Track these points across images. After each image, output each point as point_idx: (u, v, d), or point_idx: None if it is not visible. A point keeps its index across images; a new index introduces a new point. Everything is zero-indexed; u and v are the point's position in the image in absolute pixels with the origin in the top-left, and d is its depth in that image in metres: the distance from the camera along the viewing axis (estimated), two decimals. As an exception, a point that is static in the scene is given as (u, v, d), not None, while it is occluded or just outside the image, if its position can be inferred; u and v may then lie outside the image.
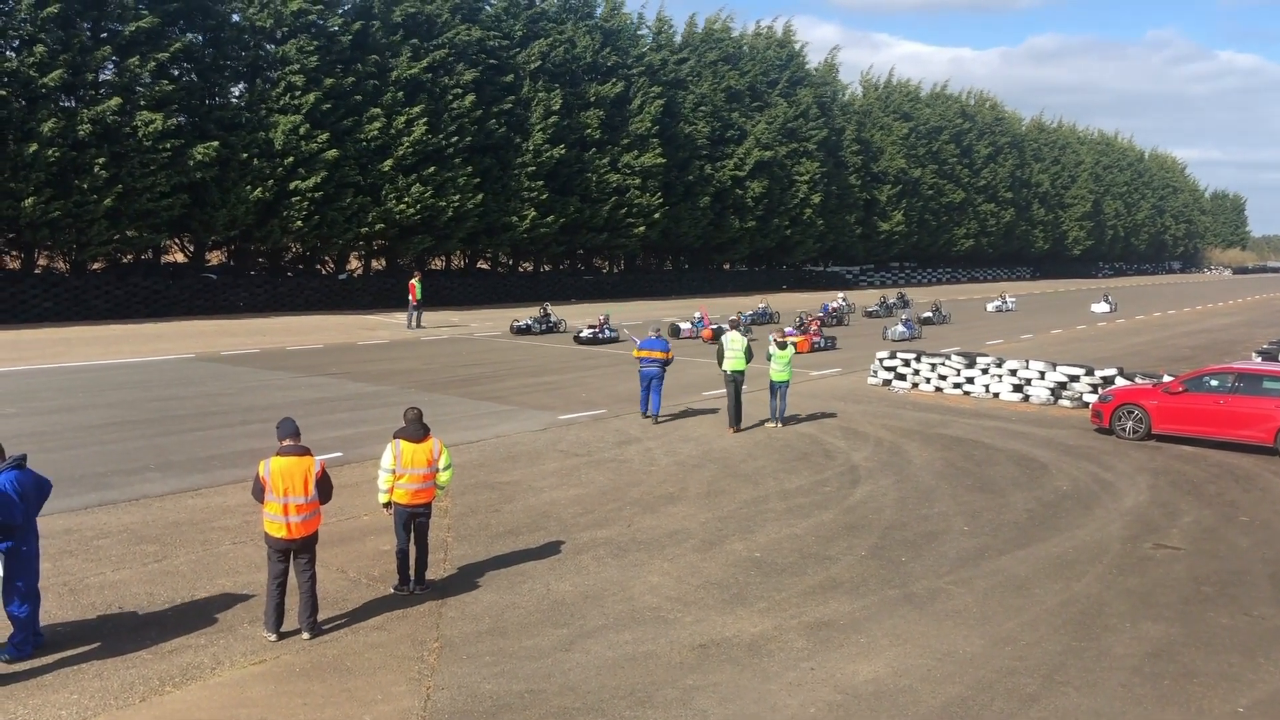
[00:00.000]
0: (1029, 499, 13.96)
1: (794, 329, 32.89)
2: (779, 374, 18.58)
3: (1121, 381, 20.76)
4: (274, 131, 38.08)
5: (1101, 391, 20.00)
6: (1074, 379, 21.96)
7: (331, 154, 39.22)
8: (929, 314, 42.78)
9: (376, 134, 41.10)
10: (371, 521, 11.86)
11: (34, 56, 32.16)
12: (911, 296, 51.73)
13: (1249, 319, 51.61)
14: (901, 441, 17.59)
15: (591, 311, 42.08)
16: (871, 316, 45.65)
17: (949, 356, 23.57)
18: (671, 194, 55.12)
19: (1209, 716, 7.76)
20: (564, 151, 48.52)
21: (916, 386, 23.57)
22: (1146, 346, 34.94)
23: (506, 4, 48.28)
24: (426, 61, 42.75)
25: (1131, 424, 18.26)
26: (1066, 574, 10.81)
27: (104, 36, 34.69)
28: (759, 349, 19.70)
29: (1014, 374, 22.57)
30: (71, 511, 11.97)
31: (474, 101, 44.27)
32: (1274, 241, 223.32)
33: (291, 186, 38.73)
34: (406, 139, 41.72)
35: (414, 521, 9.72)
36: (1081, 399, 21.49)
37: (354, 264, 48.69)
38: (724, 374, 18.40)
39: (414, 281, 36.30)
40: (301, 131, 38.48)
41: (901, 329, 35.74)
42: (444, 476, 9.83)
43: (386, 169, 41.60)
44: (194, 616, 9.06)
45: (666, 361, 18.49)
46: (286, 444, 8.74)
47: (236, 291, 40.41)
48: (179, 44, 36.23)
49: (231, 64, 39.30)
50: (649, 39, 56.93)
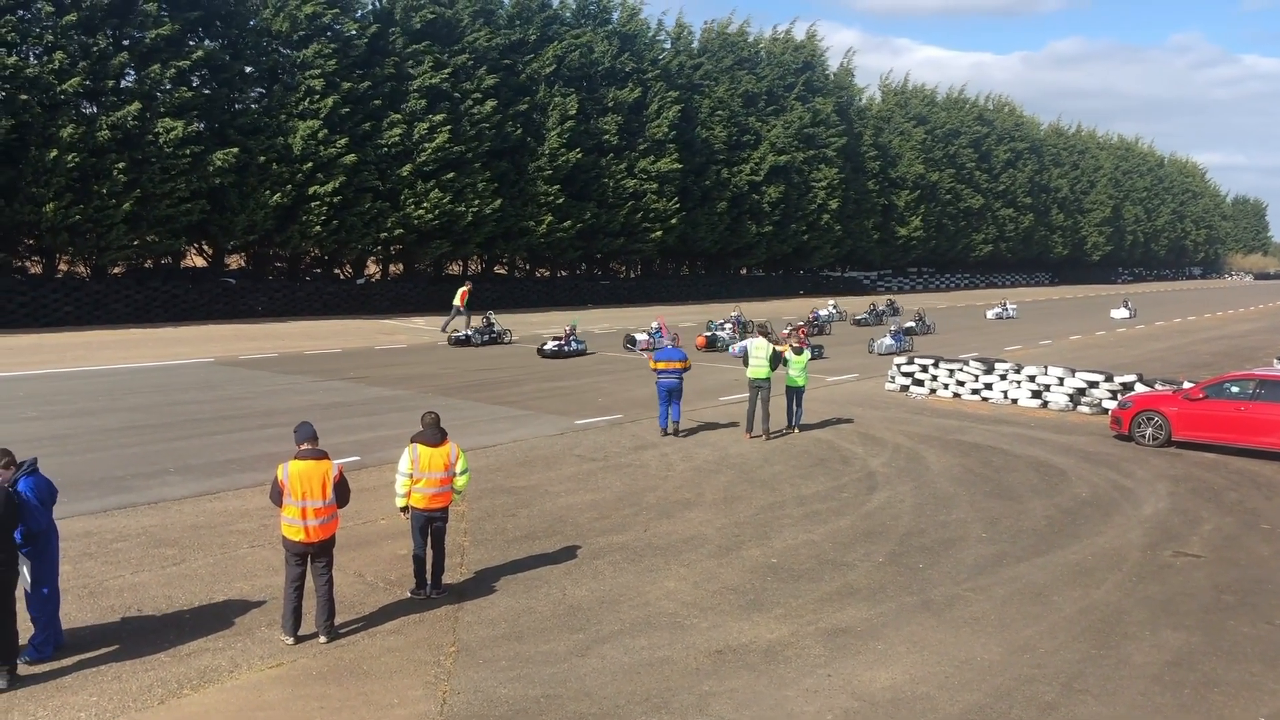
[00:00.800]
0: (1048, 506, 13.88)
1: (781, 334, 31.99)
2: (795, 379, 18.56)
3: (1141, 388, 20.64)
4: (293, 137, 38.26)
5: (1121, 398, 19.87)
6: (1093, 385, 21.84)
7: (350, 159, 39.40)
8: (911, 323, 39.70)
9: (397, 140, 41.27)
10: (388, 525, 11.89)
11: (54, 63, 32.44)
12: (901, 304, 50.53)
13: (1271, 325, 51.22)
14: (919, 447, 17.53)
15: (610, 317, 42.07)
16: (860, 325, 43.47)
17: (967, 362, 23.48)
18: (688, 199, 55.11)
19: (1230, 726, 7.70)
20: (581, 156, 48.58)
21: (934, 392, 23.49)
22: (1166, 352, 34.71)
23: (520, 8, 48.41)
24: (449, 70, 42.89)
25: (1151, 430, 18.15)
26: (1085, 581, 10.75)
27: (125, 44, 34.94)
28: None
29: (1032, 380, 22.47)
30: (91, 514, 12.05)
31: (493, 107, 44.40)
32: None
33: (310, 191, 38.91)
34: (429, 145, 41.87)
35: (431, 526, 9.74)
36: (1101, 405, 21.36)
37: (372, 269, 48.88)
38: (748, 380, 18.37)
39: (464, 289, 37.36)
40: (320, 136, 38.67)
41: (889, 341, 33.06)
42: (461, 481, 9.85)
43: (405, 174, 41.77)
44: (212, 619, 9.10)
45: (685, 371, 18.06)
46: (304, 448, 8.79)
47: (255, 296, 40.59)
48: (199, 52, 36.46)
49: (250, 70, 39.54)
50: (666, 44, 57.03)
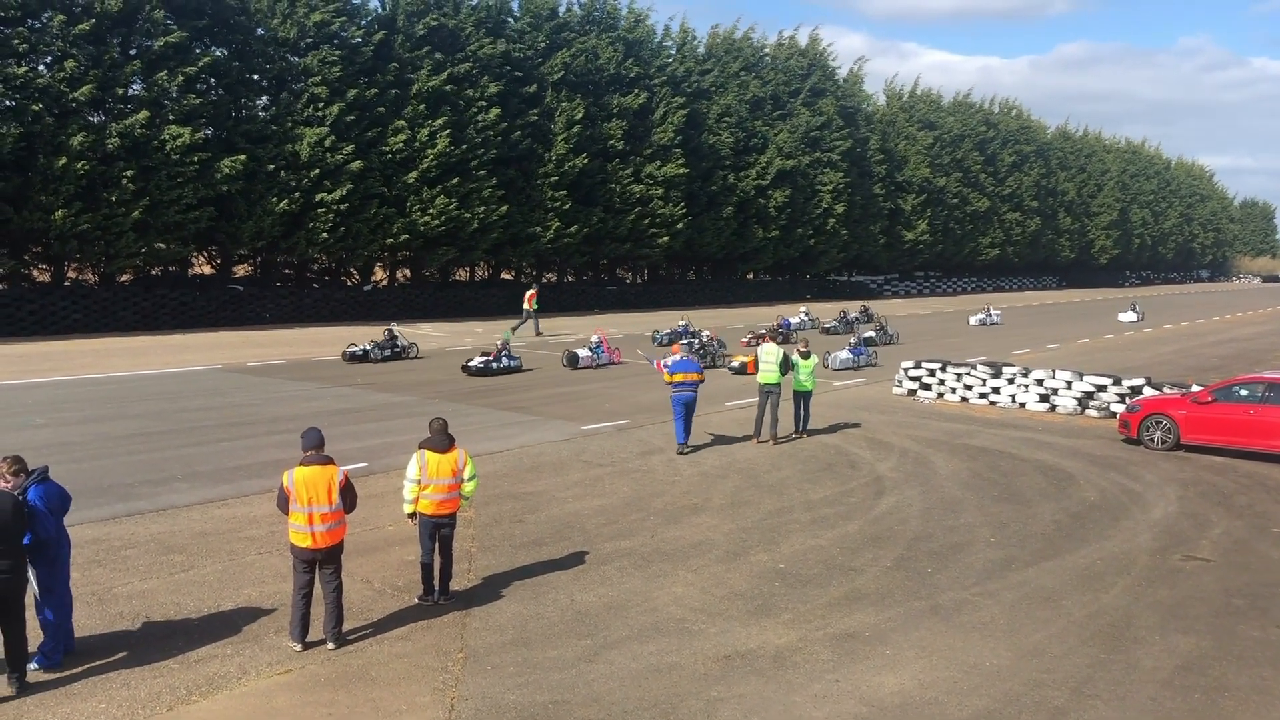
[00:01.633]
0: (1056, 510, 13.85)
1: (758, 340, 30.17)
2: (803, 384, 18.53)
3: (1149, 391, 20.58)
4: (299, 144, 38.37)
5: (1129, 401, 19.82)
6: (1101, 389, 21.79)
7: (356, 165, 39.48)
8: (872, 333, 36.13)
9: (401, 146, 41.35)
10: (396, 532, 11.90)
11: (65, 72, 32.63)
12: (876, 310, 47.95)
13: (1279, 328, 51.04)
14: (927, 452, 17.50)
15: (616, 322, 42.02)
16: (829, 333, 40.24)
17: (974, 366, 23.45)
18: (694, 204, 55.12)
19: (1241, 731, 7.67)
20: (587, 162, 48.64)
21: (942, 396, 23.46)
22: (1174, 356, 34.60)
23: (530, 16, 48.52)
24: (447, 74, 42.95)
25: (1160, 434, 18.09)
26: (1094, 586, 10.72)
27: (133, 52, 35.11)
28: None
29: (1040, 384, 22.43)
30: (100, 521, 12.08)
31: (498, 114, 44.46)
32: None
33: (317, 198, 39.01)
34: (431, 151, 41.94)
35: (438, 532, 9.74)
36: (1109, 409, 21.31)
37: (379, 275, 48.98)
38: (758, 385, 18.29)
39: (532, 292, 38.90)
40: (326, 144, 38.76)
41: (845, 355, 29.54)
42: (468, 487, 9.86)
43: (411, 181, 41.85)
44: (220, 626, 9.12)
45: (700, 384, 17.14)
46: (309, 454, 8.80)
47: (263, 303, 40.68)
48: (207, 59, 36.61)
49: (257, 77, 39.68)
50: (672, 50, 57.07)
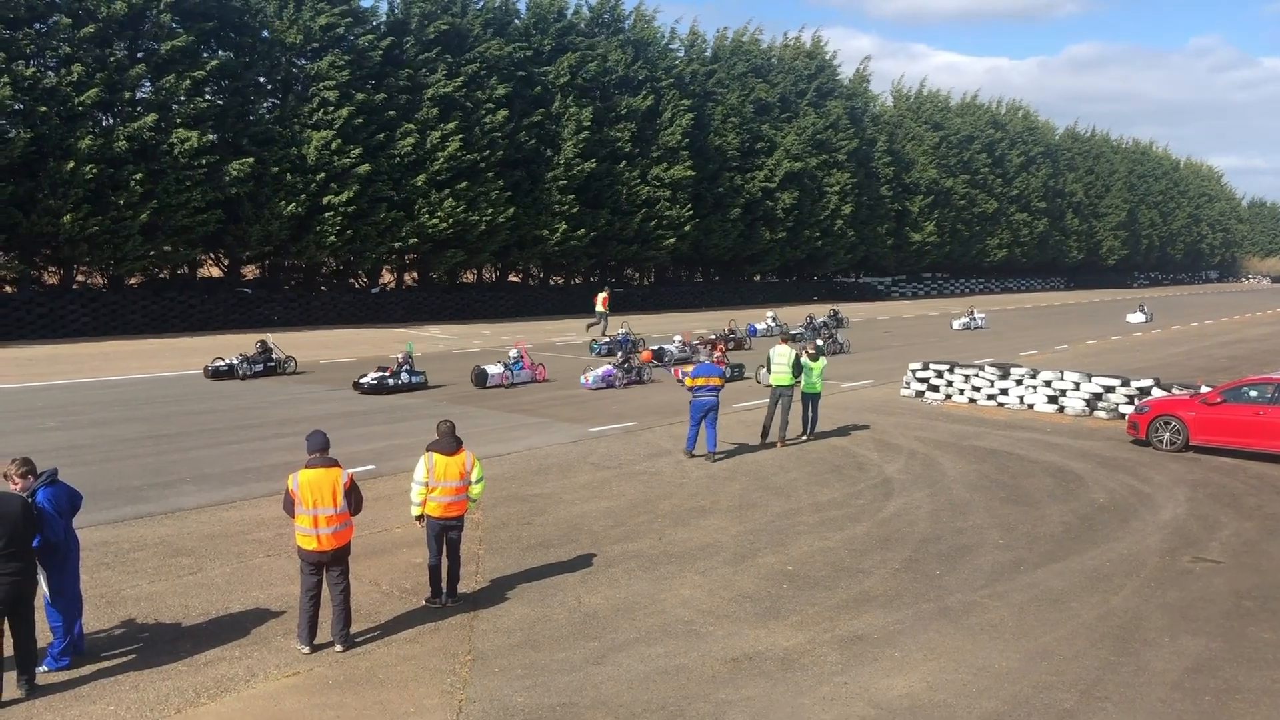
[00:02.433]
0: (1065, 511, 13.80)
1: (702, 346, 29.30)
2: (810, 386, 18.50)
3: (1158, 392, 20.50)
4: (307, 147, 38.46)
5: (1138, 403, 19.76)
6: (1110, 390, 21.71)
7: (364, 169, 39.55)
8: (819, 342, 31.96)
9: (410, 149, 41.41)
10: (404, 534, 11.91)
11: (72, 75, 32.76)
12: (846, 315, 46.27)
13: (1288, 328, 50.83)
14: (935, 454, 17.46)
15: (624, 325, 41.91)
16: (795, 340, 35.63)
17: (982, 368, 23.40)
18: (701, 206, 55.15)
19: (1252, 733, 7.63)
20: (594, 165, 48.69)
21: (950, 398, 23.40)
22: (1183, 357, 34.49)
23: (536, 19, 48.58)
24: (461, 79, 43.02)
25: (1169, 435, 18.03)
26: (1104, 587, 10.67)
27: (140, 55, 35.22)
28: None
29: (1049, 385, 22.37)
30: (108, 524, 12.11)
31: (506, 116, 44.51)
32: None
33: (325, 201, 39.10)
34: (441, 154, 41.99)
35: (446, 534, 9.74)
36: (1118, 410, 21.24)
37: (387, 278, 49.05)
38: (771, 387, 18.18)
39: (604, 294, 40.49)
40: (334, 147, 38.84)
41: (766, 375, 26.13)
42: (476, 489, 9.85)
43: (419, 183, 41.90)
44: (228, 629, 9.13)
45: (722, 389, 16.79)
46: (315, 457, 8.80)
47: (271, 306, 40.80)
48: (214, 62, 36.73)
49: (264, 80, 39.79)
50: (679, 52, 57.11)
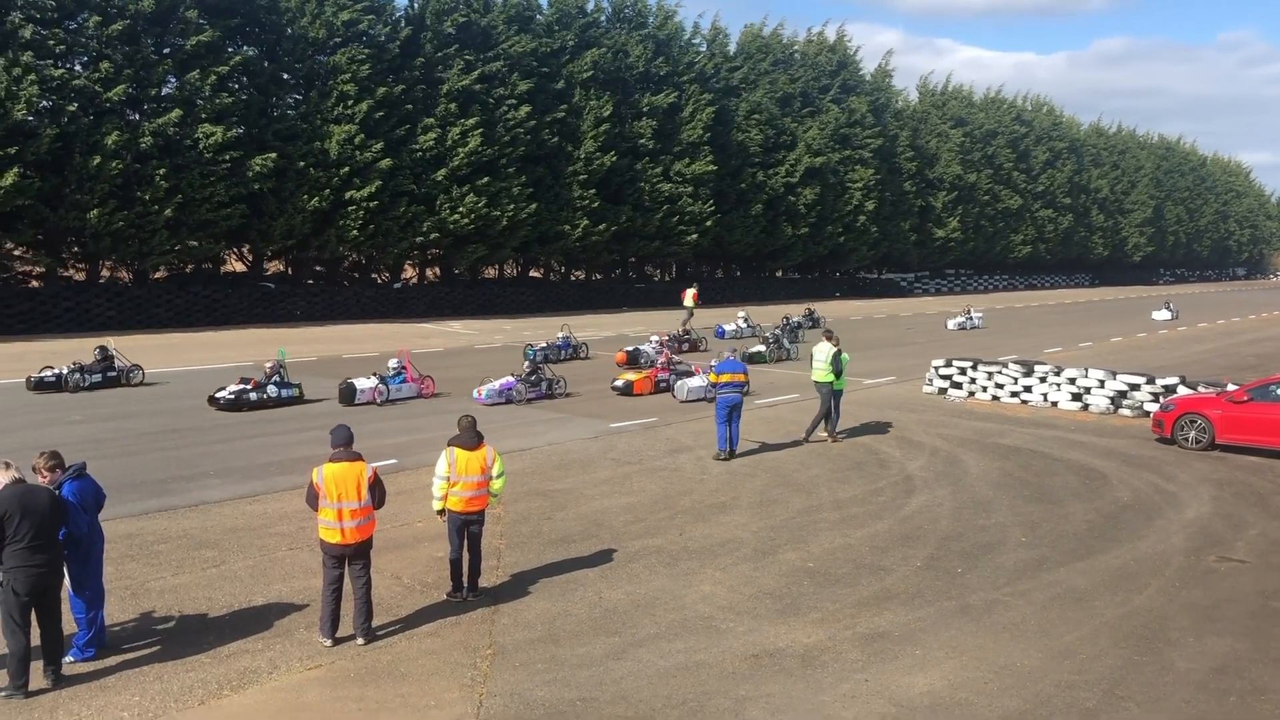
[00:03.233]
0: (1088, 510, 13.71)
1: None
2: (835, 382, 18.37)
3: (1184, 390, 20.32)
4: (329, 141, 38.62)
5: (1163, 400, 19.57)
6: (1134, 388, 21.53)
7: (386, 163, 39.68)
8: (760, 348, 29.99)
9: (431, 144, 41.51)
10: (425, 528, 11.95)
11: (100, 72, 33.03)
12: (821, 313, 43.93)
13: (1317, 326, 50.28)
14: (958, 451, 17.37)
15: (645, 320, 41.78)
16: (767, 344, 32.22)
17: (1006, 365, 23.25)
18: (723, 201, 55.01)
19: (1277, 735, 7.55)
20: (616, 160, 48.65)
21: (973, 395, 23.27)
22: (1209, 354, 34.16)
23: (558, 14, 48.59)
24: (479, 73, 43.06)
25: (1194, 434, 17.86)
26: (1127, 586, 10.60)
27: (166, 52, 35.46)
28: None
29: (1073, 382, 22.21)
30: (133, 517, 12.21)
31: (528, 112, 44.54)
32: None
33: (347, 196, 39.26)
34: (461, 150, 42.07)
35: (467, 529, 9.78)
36: (1142, 408, 21.06)
37: (409, 273, 49.23)
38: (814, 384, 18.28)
39: (694, 289, 41.64)
40: (356, 141, 38.99)
41: (696, 382, 22.28)
42: (497, 484, 9.89)
43: (440, 178, 42.00)
44: (251, 621, 9.19)
45: (747, 385, 16.85)
46: (339, 451, 8.86)
47: (294, 300, 41.03)
48: (238, 57, 36.96)
49: (287, 76, 39.98)
50: (702, 47, 56.96)
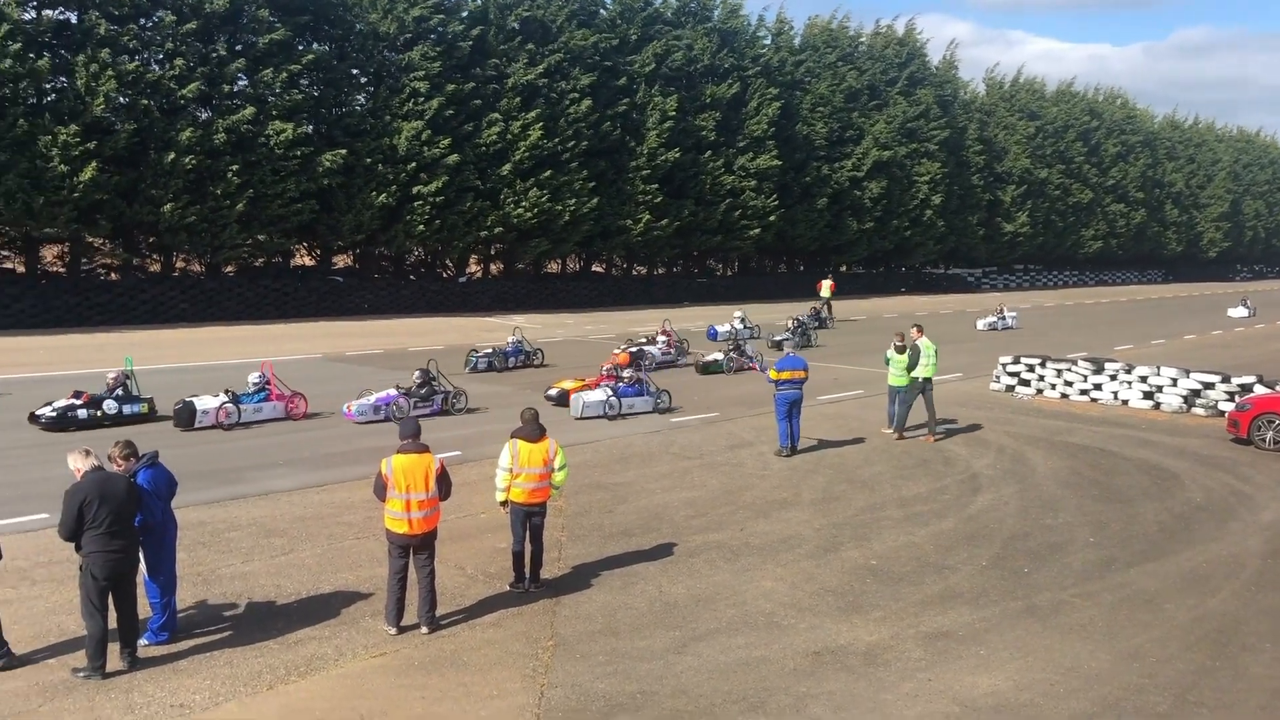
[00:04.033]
0: (1159, 510, 13.42)
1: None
2: (897, 379, 18.21)
3: (1261, 389, 19.78)
4: (397, 138, 39.04)
5: (1239, 400, 19.09)
6: (1209, 386, 21.02)
7: (452, 159, 40.02)
8: (718, 356, 26.32)
9: (495, 138, 41.79)
10: (489, 519, 12.06)
11: (174, 69, 33.77)
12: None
13: (1403, 324, 48.59)
14: (1025, 449, 17.10)
15: (707, 315, 41.57)
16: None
17: (1075, 362, 22.84)
18: (787, 195, 54.59)
19: (1357, 744, 7.34)
20: (679, 154, 48.49)
21: (1041, 393, 22.89)
22: (1289, 353, 33.21)
23: (622, 8, 48.59)
24: (543, 67, 43.24)
25: (1272, 434, 17.39)
26: (1200, 589, 10.36)
27: (238, 50, 36.14)
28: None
29: (1144, 381, 21.74)
30: (205, 504, 12.49)
31: (590, 106, 44.66)
32: None
33: (414, 191, 39.68)
34: (523, 144, 42.31)
35: (530, 520, 9.86)
36: (1217, 407, 20.55)
37: (474, 267, 49.65)
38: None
39: (830, 282, 43.88)
40: (424, 137, 39.36)
41: (593, 397, 19.21)
42: (559, 476, 9.95)
43: (505, 173, 42.28)
44: (318, 609, 9.36)
45: (806, 381, 16.66)
46: (407, 442, 8.98)
47: (361, 294, 41.60)
48: (309, 55, 37.53)
49: (356, 73, 40.50)
50: (767, 40, 56.59)
